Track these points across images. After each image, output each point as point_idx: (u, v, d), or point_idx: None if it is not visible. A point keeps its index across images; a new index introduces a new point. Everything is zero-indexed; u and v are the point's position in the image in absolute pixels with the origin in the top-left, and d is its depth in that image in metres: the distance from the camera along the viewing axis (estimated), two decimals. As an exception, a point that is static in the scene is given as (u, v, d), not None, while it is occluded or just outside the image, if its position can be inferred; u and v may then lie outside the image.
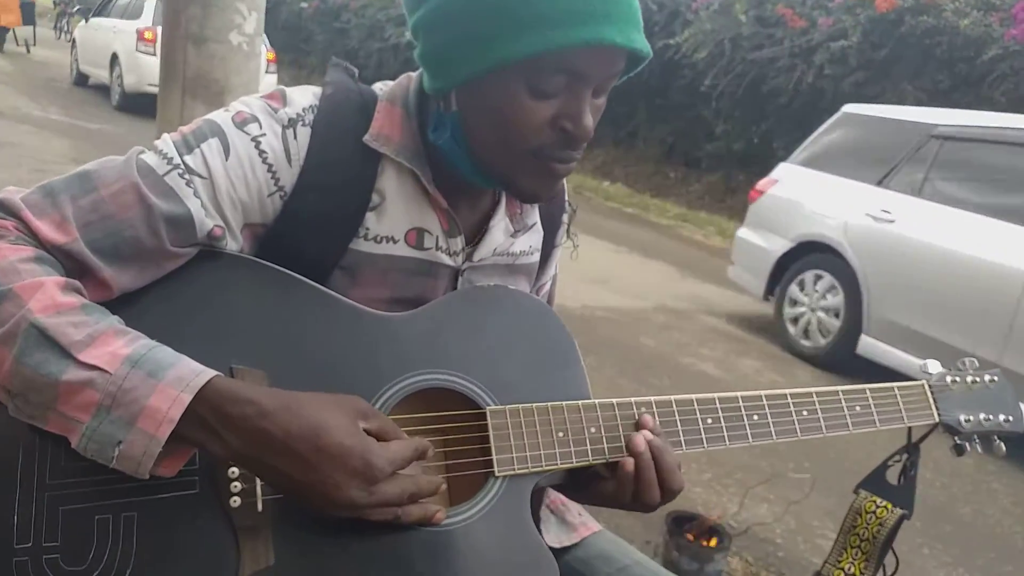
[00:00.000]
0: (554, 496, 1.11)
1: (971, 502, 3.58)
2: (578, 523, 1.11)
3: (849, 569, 1.04)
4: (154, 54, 9.66)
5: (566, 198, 1.14)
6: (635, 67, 0.89)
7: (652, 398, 0.95)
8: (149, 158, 0.83)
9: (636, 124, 12.66)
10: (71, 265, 0.78)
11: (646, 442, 0.91)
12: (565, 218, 1.14)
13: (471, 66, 0.82)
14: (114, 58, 10.94)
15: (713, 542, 2.47)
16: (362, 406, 0.80)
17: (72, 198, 0.79)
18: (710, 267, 7.70)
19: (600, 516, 1.19)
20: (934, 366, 1.12)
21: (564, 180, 1.12)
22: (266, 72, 9.91)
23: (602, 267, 6.53)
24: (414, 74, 0.96)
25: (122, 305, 0.81)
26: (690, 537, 2.45)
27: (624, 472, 0.90)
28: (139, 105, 10.17)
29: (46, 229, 0.77)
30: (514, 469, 0.88)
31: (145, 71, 10.02)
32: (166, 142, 0.85)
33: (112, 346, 0.73)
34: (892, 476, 1.08)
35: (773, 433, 0.97)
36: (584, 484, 0.95)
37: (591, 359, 4.22)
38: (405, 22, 0.91)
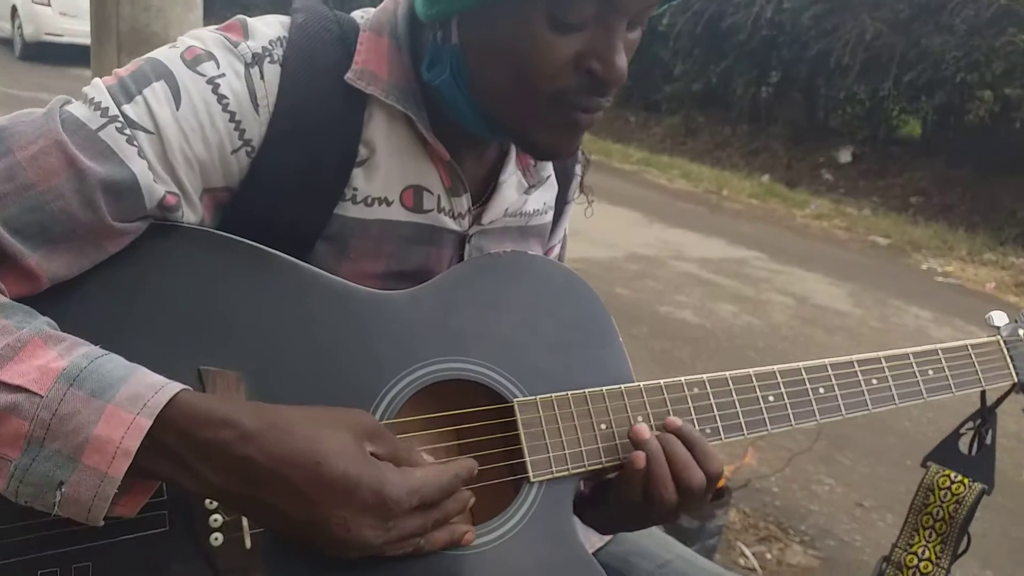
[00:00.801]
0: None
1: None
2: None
3: (923, 553, 0.91)
4: (48, 4, 10.92)
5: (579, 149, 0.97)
6: None
7: (704, 376, 0.81)
8: (77, 110, 0.65)
9: (593, 68, 12.42)
10: None
11: (652, 431, 0.77)
12: (578, 169, 0.98)
13: None
14: (14, 10, 11.56)
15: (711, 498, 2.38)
16: (368, 424, 0.64)
17: None
18: (676, 211, 7.61)
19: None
20: (1000, 318, 1.00)
21: None
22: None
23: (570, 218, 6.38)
24: None
25: (54, 300, 0.64)
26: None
27: (632, 469, 0.75)
28: (41, 53, 10.98)
29: None
30: (552, 471, 0.74)
31: (42, 21, 11.00)
32: (98, 88, 0.67)
33: (42, 358, 0.56)
34: (965, 446, 0.96)
35: (842, 407, 0.84)
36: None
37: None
38: None
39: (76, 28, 10.46)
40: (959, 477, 0.92)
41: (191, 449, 0.57)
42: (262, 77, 0.70)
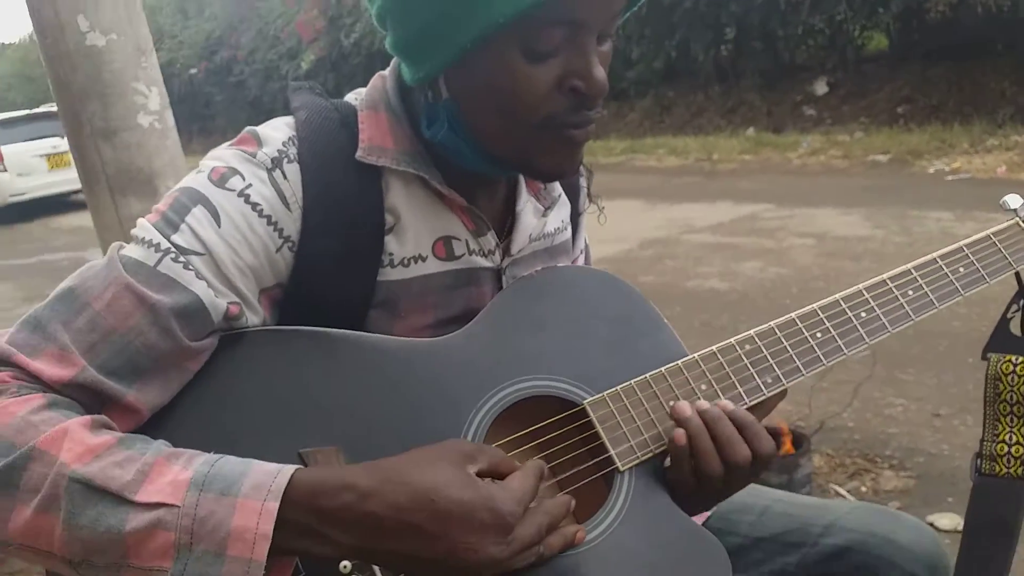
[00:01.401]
0: None
1: (1014, 324, 3.54)
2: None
3: (1011, 439, 0.93)
4: (4, 170, 11.38)
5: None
6: (633, 4, 0.77)
7: (752, 332, 0.85)
8: (133, 251, 0.71)
9: (554, 76, 12.53)
10: (89, 398, 0.67)
11: (693, 407, 0.80)
12: (583, 181, 1.03)
13: (453, 43, 0.70)
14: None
15: (793, 450, 2.40)
16: (465, 448, 0.69)
17: (64, 323, 0.67)
18: (674, 188, 7.64)
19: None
20: (1014, 200, 1.02)
21: None
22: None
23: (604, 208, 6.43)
24: (386, 72, 0.83)
25: (159, 425, 0.70)
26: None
27: (676, 446, 0.78)
28: (11, 215, 11.36)
29: (47, 367, 0.66)
30: (637, 456, 0.78)
31: (1, 187, 11.38)
32: (146, 228, 0.73)
33: (169, 474, 0.62)
34: (1016, 328, 0.98)
35: (887, 325, 0.87)
36: None
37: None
38: (296, 56, 0.77)
39: (34, 183, 11.45)
40: (1020, 359, 0.94)
41: (319, 519, 0.62)
42: (285, 177, 0.75)
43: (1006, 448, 0.93)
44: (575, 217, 1.02)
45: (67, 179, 11.00)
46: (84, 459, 0.61)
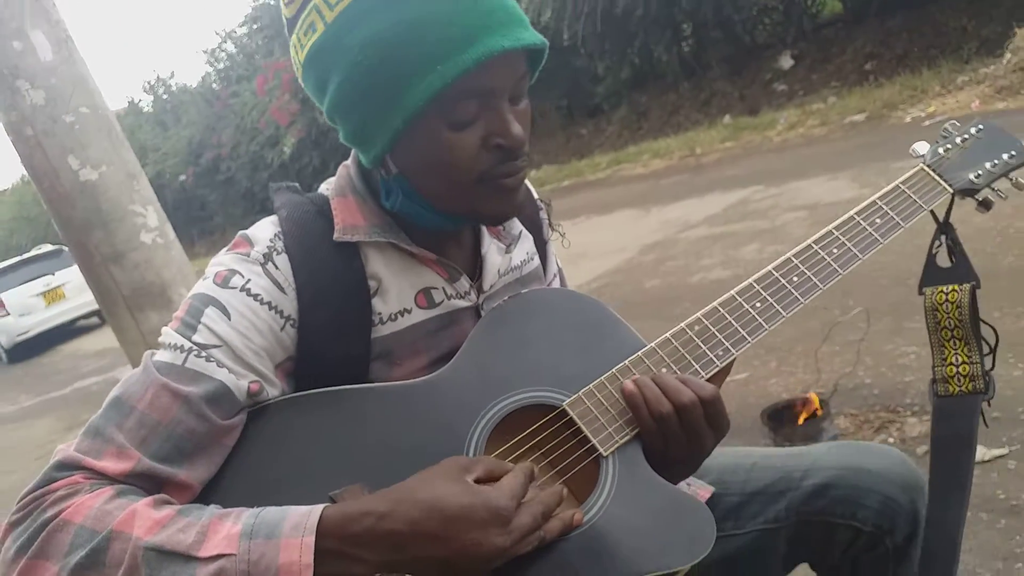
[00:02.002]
0: None
1: (1009, 250, 3.61)
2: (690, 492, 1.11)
3: (957, 360, 1.04)
4: (7, 314, 12.28)
5: (535, 198, 1.15)
6: (539, 60, 0.90)
7: (699, 313, 0.96)
8: (163, 356, 0.84)
9: (527, 107, 12.75)
10: (149, 483, 0.79)
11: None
12: (542, 215, 1.15)
13: (388, 128, 0.83)
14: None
15: (815, 415, 2.48)
16: (461, 461, 0.80)
17: (117, 426, 0.80)
18: (664, 189, 7.77)
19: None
20: (922, 146, 1.13)
21: (526, 182, 1.14)
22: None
23: (573, 245, 6.52)
24: (348, 161, 0.97)
25: (210, 494, 0.82)
26: (798, 419, 2.46)
27: (628, 394, 0.89)
28: (23, 352, 12.36)
29: (110, 464, 0.78)
30: (616, 441, 0.89)
31: (8, 329, 12.32)
32: (170, 334, 0.86)
33: (223, 531, 0.74)
34: (943, 261, 1.09)
35: (818, 284, 0.98)
36: None
37: (614, 327, 4.23)
38: (278, 143, 0.91)
39: (36, 320, 12.39)
40: (950, 287, 1.05)
41: (349, 543, 0.74)
42: (277, 268, 0.89)
43: (954, 369, 1.04)
44: (541, 246, 1.15)
45: (64, 311, 12.37)
46: (153, 531, 0.73)
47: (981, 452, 2.29)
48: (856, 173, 5.77)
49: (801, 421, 2.45)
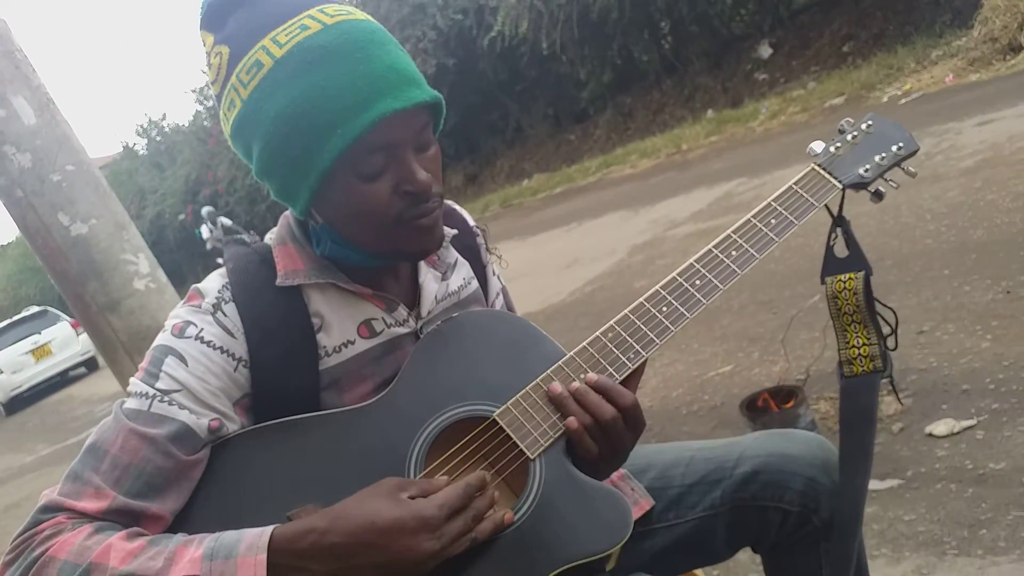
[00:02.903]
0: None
1: (979, 223, 3.70)
2: (632, 500, 1.18)
3: (859, 342, 1.13)
4: (1, 372, 13.85)
5: (470, 225, 1.24)
6: (439, 112, 1.00)
7: (612, 321, 1.06)
8: (131, 403, 0.95)
9: (514, 119, 12.87)
10: (125, 518, 0.90)
11: (563, 387, 1.00)
12: (479, 240, 1.25)
13: (306, 186, 0.94)
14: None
15: (791, 403, 2.56)
16: (395, 481, 0.91)
17: (94, 470, 0.91)
18: (652, 189, 7.86)
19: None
20: (818, 146, 1.22)
21: (460, 211, 1.24)
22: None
23: (565, 251, 6.66)
24: (288, 212, 1.08)
25: (182, 523, 0.93)
26: (771, 407, 2.54)
27: (552, 393, 0.99)
28: (18, 405, 13.89)
29: (89, 504, 0.89)
30: (541, 444, 0.99)
31: (4, 386, 13.85)
32: (136, 384, 0.97)
33: (187, 556, 0.84)
34: (841, 252, 1.18)
35: (719, 284, 1.07)
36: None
37: (605, 330, 4.32)
38: None
39: (27, 376, 13.96)
40: (847, 276, 1.14)
41: (297, 557, 0.84)
42: (226, 315, 0.99)
43: (856, 351, 1.13)
44: (480, 270, 1.24)
45: (52, 365, 14.08)
46: (127, 560, 0.84)
47: (950, 425, 2.38)
48: (835, 157, 5.84)
49: (774, 408, 2.54)
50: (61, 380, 14.27)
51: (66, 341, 14.10)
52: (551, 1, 10.66)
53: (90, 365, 14.30)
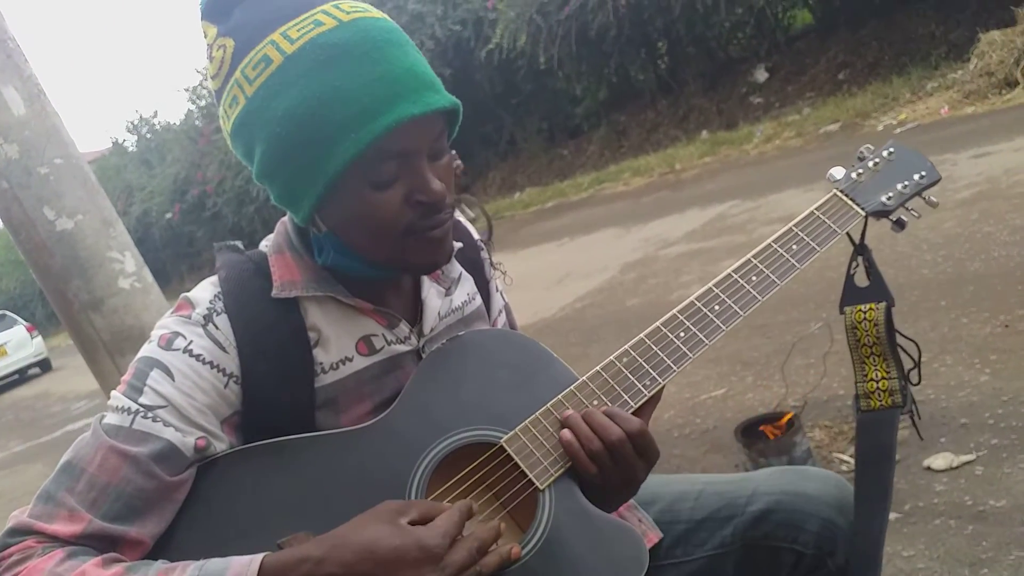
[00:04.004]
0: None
1: (977, 255, 3.68)
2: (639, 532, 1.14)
3: (877, 375, 1.09)
4: None
5: (475, 239, 1.19)
6: (455, 118, 0.95)
7: (627, 345, 1.01)
8: (111, 419, 0.88)
9: (508, 132, 12.86)
10: (101, 543, 0.83)
11: (575, 413, 0.95)
12: (483, 255, 1.19)
13: (312, 191, 0.88)
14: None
15: (786, 429, 2.52)
16: (394, 506, 0.84)
17: (68, 490, 0.84)
18: (645, 207, 7.84)
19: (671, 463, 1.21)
20: (838, 172, 1.19)
21: (465, 223, 1.19)
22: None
23: (557, 267, 6.62)
24: (285, 218, 1.02)
25: (162, 549, 0.86)
26: (767, 435, 2.50)
27: (564, 441, 0.93)
28: None
29: (62, 528, 0.82)
30: (552, 474, 0.93)
31: None
32: (117, 398, 0.90)
33: None
34: (862, 281, 1.14)
35: (738, 311, 1.03)
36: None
37: (596, 347, 4.28)
38: None
39: None
40: (868, 306, 1.10)
41: None
42: (217, 328, 0.93)
43: (875, 385, 1.09)
44: (484, 285, 1.19)
45: (6, 364, 15.57)
46: None
47: (949, 459, 2.34)
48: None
49: (770, 436, 2.49)
50: (20, 378, 16.00)
51: (21, 343, 15.91)
52: (550, 16, 10.67)
53: (44, 366, 16.18)
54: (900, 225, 1.16)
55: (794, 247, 1.08)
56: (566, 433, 0.94)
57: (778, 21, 10.78)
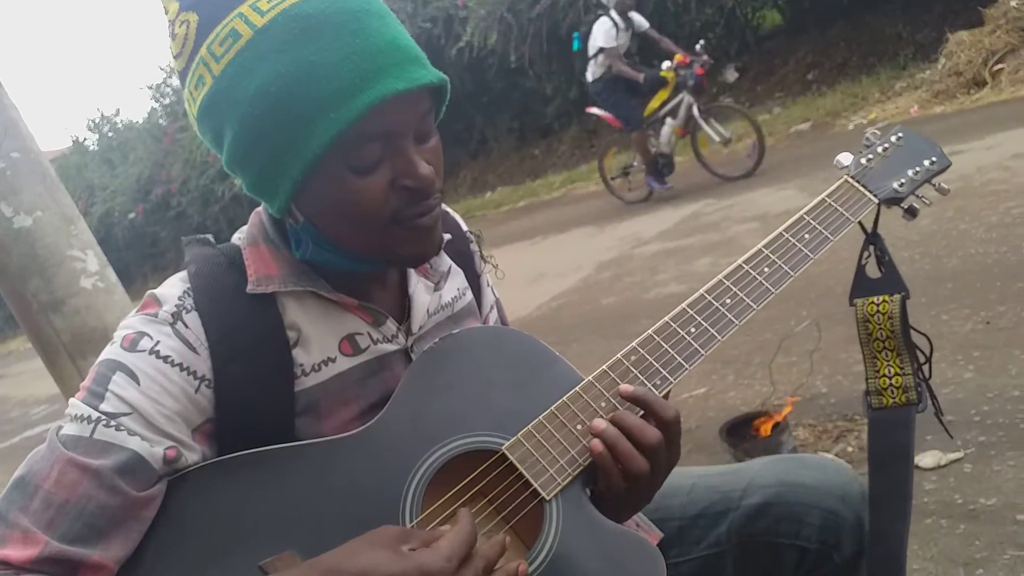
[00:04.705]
0: None
1: (954, 252, 3.68)
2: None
3: (890, 371, 1.04)
4: None
5: (464, 230, 1.12)
6: (443, 96, 0.87)
7: (635, 342, 0.94)
8: (69, 429, 0.79)
9: (478, 130, 12.79)
10: (59, 568, 0.74)
11: (606, 421, 0.88)
12: (473, 247, 1.12)
13: (287, 177, 0.80)
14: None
15: (771, 428, 2.48)
16: (394, 531, 0.76)
17: (22, 509, 0.75)
18: (617, 206, 7.81)
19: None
20: (845, 157, 1.13)
21: (453, 215, 1.11)
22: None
23: (530, 266, 6.55)
24: (260, 208, 0.94)
25: (127, 574, 0.77)
26: (752, 433, 2.46)
27: (597, 452, 0.86)
28: None
29: (15, 552, 0.73)
30: (559, 483, 0.86)
31: None
32: (76, 405, 0.81)
33: None
34: (873, 272, 1.09)
35: (751, 304, 0.96)
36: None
37: (573, 347, 4.22)
38: (228, 176, 0.88)
39: None
40: (880, 298, 1.05)
41: None
42: (187, 327, 0.84)
43: (887, 381, 1.03)
44: (474, 280, 1.12)
45: None
46: None
47: (937, 457, 2.31)
48: (804, 183, 5.86)
49: (754, 434, 2.45)
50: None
51: None
52: (521, 15, 10.62)
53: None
54: (912, 213, 1.11)
55: (806, 236, 1.02)
56: (597, 444, 0.86)
57: (748, 21, 10.82)
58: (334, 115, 0.76)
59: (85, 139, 20.70)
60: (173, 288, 0.88)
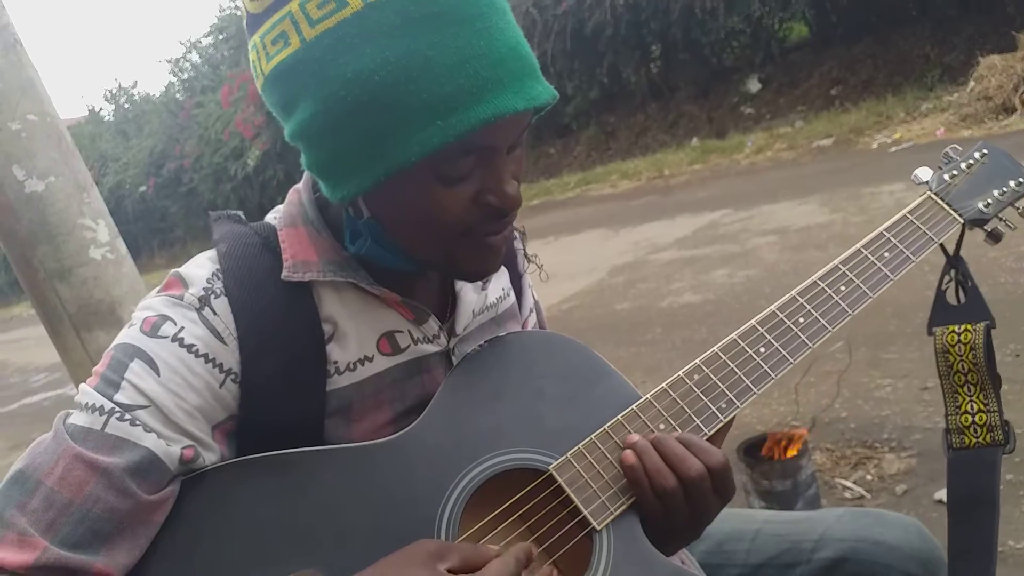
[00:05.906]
0: None
1: (983, 281, 3.58)
2: None
3: (973, 408, 0.96)
4: None
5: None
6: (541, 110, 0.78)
7: (698, 360, 0.86)
8: (79, 419, 0.71)
9: (496, 125, 12.72)
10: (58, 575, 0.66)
11: (642, 436, 0.81)
12: (518, 244, 1.05)
13: (368, 175, 0.71)
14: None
15: (792, 451, 2.39)
16: (432, 547, 0.69)
17: (19, 507, 0.67)
18: (633, 210, 7.72)
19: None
20: (924, 172, 1.05)
21: None
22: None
23: (543, 265, 6.46)
24: (300, 186, 0.85)
25: None
26: (771, 456, 2.38)
27: (626, 465, 0.79)
28: None
29: (10, 556, 0.65)
30: (611, 511, 0.78)
31: None
32: (87, 392, 0.73)
33: None
34: (952, 298, 1.01)
35: (826, 325, 0.89)
36: None
37: (583, 351, 4.14)
38: (242, 155, 0.78)
39: None
40: (963, 327, 0.97)
41: None
42: (215, 313, 0.76)
43: (970, 418, 0.95)
44: (516, 280, 1.04)
45: None
46: None
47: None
48: (826, 198, 5.77)
49: (773, 458, 2.37)
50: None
51: None
52: (547, 11, 10.52)
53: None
54: (995, 237, 1.03)
55: (886, 255, 0.94)
56: (629, 456, 0.78)
57: (774, 32, 10.72)
58: (441, 123, 0.67)
59: (101, 109, 20.70)
60: (201, 269, 0.79)
